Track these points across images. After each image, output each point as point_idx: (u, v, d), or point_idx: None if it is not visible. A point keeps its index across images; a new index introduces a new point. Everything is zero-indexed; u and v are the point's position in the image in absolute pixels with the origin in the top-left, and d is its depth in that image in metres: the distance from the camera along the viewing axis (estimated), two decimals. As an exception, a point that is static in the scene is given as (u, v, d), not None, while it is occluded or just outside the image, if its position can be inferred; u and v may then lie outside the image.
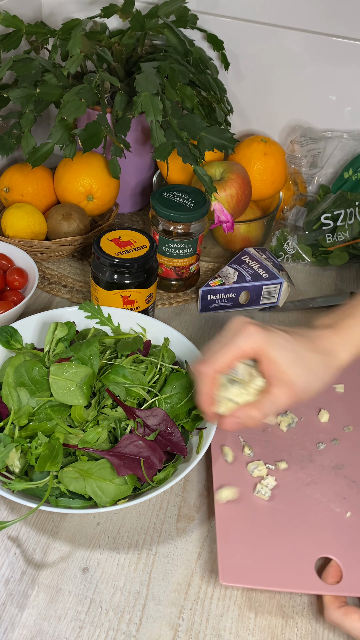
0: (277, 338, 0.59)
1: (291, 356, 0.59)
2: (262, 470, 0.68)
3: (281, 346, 0.59)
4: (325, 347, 0.61)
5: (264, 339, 0.58)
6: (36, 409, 0.67)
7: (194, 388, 0.70)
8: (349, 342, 0.62)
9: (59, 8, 1.14)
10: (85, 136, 0.88)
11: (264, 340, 0.58)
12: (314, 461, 0.69)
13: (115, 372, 0.69)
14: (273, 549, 0.61)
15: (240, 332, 0.59)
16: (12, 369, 0.70)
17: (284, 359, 0.58)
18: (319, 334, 0.62)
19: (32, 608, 0.60)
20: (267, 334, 0.59)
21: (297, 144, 1.08)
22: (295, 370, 0.59)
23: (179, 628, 0.59)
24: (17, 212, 0.96)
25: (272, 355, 0.59)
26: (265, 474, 0.68)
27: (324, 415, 0.74)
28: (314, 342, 0.61)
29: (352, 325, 0.63)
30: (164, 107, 0.88)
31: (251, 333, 0.59)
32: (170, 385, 0.70)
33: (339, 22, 1.00)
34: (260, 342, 0.58)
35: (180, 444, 0.67)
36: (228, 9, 1.05)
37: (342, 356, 0.61)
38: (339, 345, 0.62)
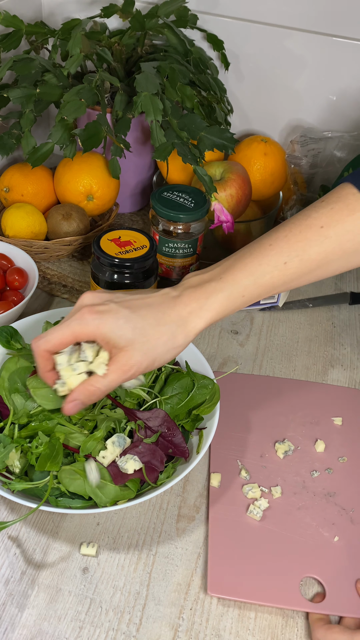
0: (112, 319, 0.58)
1: (128, 334, 0.58)
2: (256, 492, 0.69)
3: (117, 326, 0.58)
4: (175, 316, 0.60)
5: (97, 324, 0.58)
6: (34, 411, 0.67)
7: (194, 389, 0.71)
8: (207, 308, 0.60)
9: (59, 8, 1.14)
10: (85, 136, 0.88)
11: (96, 326, 0.58)
12: (307, 487, 0.71)
13: None
14: (261, 566, 0.63)
15: (75, 316, 0.59)
16: (6, 374, 0.70)
17: (118, 337, 0.58)
18: (176, 301, 0.61)
19: (32, 608, 0.60)
20: (100, 319, 0.58)
21: (297, 144, 1.08)
22: (133, 346, 0.58)
23: (179, 628, 0.59)
24: (17, 212, 0.96)
25: (106, 337, 0.58)
26: (259, 496, 0.69)
27: (320, 445, 0.75)
28: (162, 312, 0.60)
29: (216, 290, 0.61)
30: (164, 107, 0.88)
31: (84, 319, 0.58)
32: (170, 386, 0.70)
33: (339, 22, 1.00)
34: (92, 328, 0.58)
35: (182, 445, 0.67)
36: (228, 9, 1.05)
37: (195, 323, 0.60)
38: (195, 312, 0.60)
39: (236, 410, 0.78)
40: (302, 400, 0.81)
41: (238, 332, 0.91)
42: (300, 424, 0.78)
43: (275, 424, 0.77)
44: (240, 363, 0.86)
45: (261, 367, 0.86)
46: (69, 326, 0.59)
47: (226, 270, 0.62)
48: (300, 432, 0.77)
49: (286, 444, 0.74)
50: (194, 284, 0.62)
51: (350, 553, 0.65)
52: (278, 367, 0.86)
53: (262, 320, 0.93)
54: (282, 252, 0.62)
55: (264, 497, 0.69)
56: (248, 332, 0.91)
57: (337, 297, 0.97)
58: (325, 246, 0.62)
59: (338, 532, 0.66)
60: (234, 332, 0.90)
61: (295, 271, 0.62)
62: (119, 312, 0.59)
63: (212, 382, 0.71)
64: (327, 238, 0.62)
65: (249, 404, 0.79)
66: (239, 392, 0.81)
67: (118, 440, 0.65)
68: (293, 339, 0.90)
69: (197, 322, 0.60)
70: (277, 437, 0.76)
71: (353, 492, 0.70)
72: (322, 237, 0.62)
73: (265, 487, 0.70)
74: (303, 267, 0.63)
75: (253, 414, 0.78)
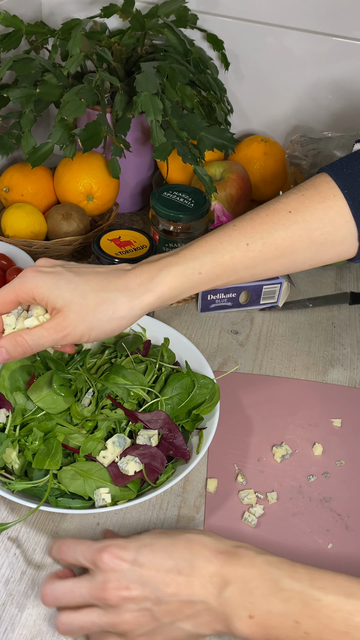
0: (52, 279, 0.57)
1: (66, 295, 0.56)
2: (251, 498, 0.69)
3: (56, 285, 0.56)
4: (121, 285, 0.58)
5: (36, 282, 0.56)
6: (33, 411, 0.67)
7: (195, 389, 0.70)
8: (158, 281, 0.58)
9: (59, 8, 1.14)
10: (85, 136, 0.88)
11: (35, 284, 0.57)
12: (303, 492, 0.70)
13: (115, 372, 0.69)
14: None
15: (18, 275, 0.58)
16: (7, 373, 0.70)
17: (56, 296, 0.56)
18: (127, 272, 0.59)
19: (32, 608, 0.60)
20: (40, 277, 0.57)
21: (297, 144, 1.08)
22: (70, 308, 0.56)
23: (179, 628, 0.59)
24: (17, 212, 0.96)
25: (44, 295, 0.57)
26: (255, 502, 0.69)
27: (317, 449, 0.75)
28: (109, 280, 0.58)
29: (171, 263, 0.59)
30: (164, 107, 0.88)
31: (25, 276, 0.57)
32: (170, 386, 0.70)
33: (339, 22, 1.00)
34: (31, 285, 0.57)
35: (183, 447, 0.67)
36: (228, 9, 1.05)
37: (143, 296, 0.58)
38: (144, 284, 0.58)
39: (235, 411, 0.78)
40: (302, 400, 0.81)
41: (238, 332, 0.91)
42: (299, 425, 0.78)
43: (274, 425, 0.77)
44: (240, 363, 0.86)
45: (261, 367, 0.86)
46: (11, 284, 0.58)
47: (186, 247, 0.60)
48: (298, 435, 0.76)
49: (284, 447, 0.74)
50: (151, 259, 0.60)
51: (343, 561, 0.64)
52: (278, 367, 0.86)
53: (262, 320, 0.93)
54: (245, 232, 0.59)
55: (260, 503, 0.69)
56: (248, 332, 0.91)
57: (337, 297, 0.97)
58: (291, 231, 0.60)
59: (332, 539, 0.66)
60: (234, 332, 0.90)
61: (258, 254, 0.60)
62: (62, 274, 0.57)
63: (212, 382, 0.71)
64: (295, 223, 0.60)
65: (248, 405, 0.79)
66: (238, 392, 0.81)
67: (118, 440, 0.65)
68: (293, 339, 0.90)
69: (146, 296, 0.58)
70: (275, 440, 0.76)
71: (349, 497, 0.70)
72: (289, 222, 0.60)
73: (261, 493, 0.70)
74: (267, 252, 0.60)
75: (252, 414, 0.78)
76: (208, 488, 0.70)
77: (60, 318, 0.57)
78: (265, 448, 0.75)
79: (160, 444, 0.67)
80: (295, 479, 0.72)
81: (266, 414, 0.79)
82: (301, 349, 0.89)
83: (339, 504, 0.69)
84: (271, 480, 0.71)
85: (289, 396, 0.81)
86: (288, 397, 0.81)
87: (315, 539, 0.66)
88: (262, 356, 0.87)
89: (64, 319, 0.56)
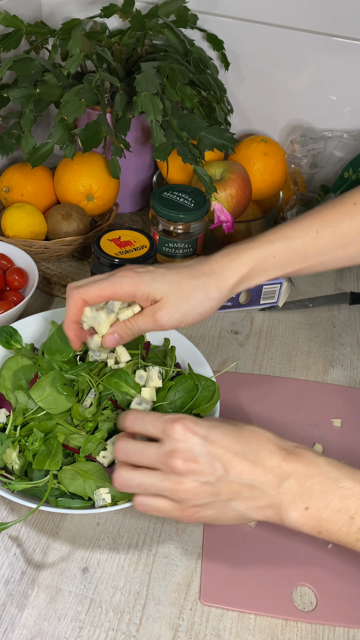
0: (149, 277, 0.62)
1: (164, 287, 0.62)
2: None
3: (154, 280, 0.62)
4: (207, 270, 0.63)
5: (137, 281, 0.62)
6: (34, 411, 0.67)
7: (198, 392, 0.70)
8: (238, 262, 0.64)
9: (59, 8, 1.14)
10: (85, 136, 0.88)
11: (136, 283, 0.62)
12: None
13: (117, 376, 0.69)
14: (253, 575, 0.63)
15: (116, 275, 0.62)
16: (9, 372, 0.70)
17: (155, 290, 0.62)
18: (209, 258, 0.65)
19: (32, 608, 0.60)
20: (140, 277, 0.62)
21: (297, 144, 1.08)
22: (167, 298, 0.62)
23: (179, 628, 0.59)
24: (17, 212, 0.96)
25: (145, 292, 0.62)
26: None
27: (317, 449, 0.75)
28: (196, 268, 0.64)
29: (248, 247, 0.64)
30: (164, 107, 0.88)
31: (126, 276, 0.62)
32: (174, 390, 0.70)
33: (339, 22, 1.00)
34: (132, 285, 0.62)
35: None
36: (228, 9, 1.05)
37: (227, 276, 0.63)
38: (226, 266, 0.64)
39: (235, 411, 0.78)
40: (302, 400, 0.81)
41: (238, 332, 0.91)
42: (299, 425, 0.78)
43: (274, 426, 0.77)
44: (240, 363, 0.86)
45: (261, 367, 0.86)
46: (110, 282, 0.62)
47: (260, 235, 0.65)
48: (298, 435, 0.76)
49: None
50: (228, 248, 0.65)
51: (343, 560, 0.64)
52: (278, 367, 0.86)
53: (262, 320, 0.93)
54: (314, 222, 0.65)
55: None
56: (248, 332, 0.91)
57: (337, 297, 0.97)
58: (357, 221, 0.65)
59: None
60: (234, 332, 0.90)
61: (327, 242, 0.65)
62: (156, 271, 0.63)
63: (214, 383, 0.71)
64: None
65: (248, 405, 0.79)
66: (238, 392, 0.81)
67: None
68: (293, 339, 0.90)
69: (229, 276, 0.63)
70: None
71: None
72: (354, 213, 0.65)
73: None
74: (335, 240, 0.65)
75: (252, 415, 0.78)
76: None
77: (159, 306, 0.62)
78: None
79: None
80: None
81: (266, 414, 0.78)
82: (301, 349, 0.89)
83: None
84: None
85: (289, 396, 0.81)
86: (288, 397, 0.81)
87: (315, 538, 0.66)
88: (262, 356, 0.87)
89: (162, 307, 0.62)
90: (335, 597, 0.62)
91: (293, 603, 0.61)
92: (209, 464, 0.53)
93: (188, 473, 0.53)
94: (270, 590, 0.62)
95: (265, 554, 0.65)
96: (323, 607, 0.61)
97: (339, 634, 0.60)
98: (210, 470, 0.53)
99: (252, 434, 0.55)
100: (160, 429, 0.55)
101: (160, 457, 0.54)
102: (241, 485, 0.53)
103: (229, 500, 0.54)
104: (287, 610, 0.60)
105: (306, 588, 0.63)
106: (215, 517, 0.55)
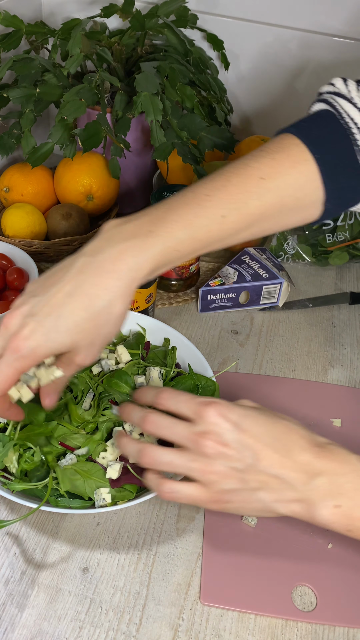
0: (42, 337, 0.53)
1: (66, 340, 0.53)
2: None
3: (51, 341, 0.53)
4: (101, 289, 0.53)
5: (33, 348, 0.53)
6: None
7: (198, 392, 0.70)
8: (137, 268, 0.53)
9: (59, 8, 1.14)
10: (85, 136, 0.88)
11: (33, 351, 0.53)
12: None
13: (117, 377, 0.69)
14: (253, 575, 0.63)
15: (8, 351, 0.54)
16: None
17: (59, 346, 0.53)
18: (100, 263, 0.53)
19: (32, 608, 0.60)
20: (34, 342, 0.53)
21: (297, 144, 1.08)
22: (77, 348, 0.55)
23: (179, 628, 0.59)
24: (17, 212, 0.96)
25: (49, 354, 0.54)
26: None
27: None
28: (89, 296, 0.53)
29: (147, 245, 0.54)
30: (164, 107, 0.88)
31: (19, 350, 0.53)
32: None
33: (339, 22, 1.00)
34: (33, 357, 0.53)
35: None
36: (228, 9, 1.05)
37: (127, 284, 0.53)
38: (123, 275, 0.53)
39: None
40: (302, 400, 0.81)
41: (238, 332, 0.91)
42: (299, 424, 0.78)
43: None
44: (240, 363, 0.86)
45: (261, 367, 0.86)
46: (11, 365, 0.53)
47: (156, 222, 0.55)
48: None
49: None
50: (115, 240, 0.54)
51: (343, 560, 0.64)
52: (278, 367, 0.86)
53: (262, 320, 0.93)
54: (220, 203, 0.56)
55: None
56: (248, 332, 0.91)
57: (337, 297, 0.97)
58: (265, 199, 0.58)
59: (332, 539, 0.66)
60: (234, 332, 0.90)
61: (233, 226, 0.57)
62: (45, 326, 0.53)
63: (214, 383, 0.71)
64: (268, 191, 0.58)
65: (249, 404, 0.79)
66: (238, 392, 0.81)
67: None
68: (293, 339, 0.90)
69: (129, 283, 0.54)
70: None
71: None
72: (262, 190, 0.57)
73: None
74: (241, 222, 0.58)
75: (253, 414, 0.78)
76: None
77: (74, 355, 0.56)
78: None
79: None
80: None
81: (266, 414, 0.78)
82: (301, 349, 0.89)
83: None
84: None
85: (289, 396, 0.81)
86: (288, 397, 0.81)
87: (315, 538, 0.66)
88: (262, 356, 0.87)
89: (77, 354, 0.55)
90: (335, 597, 0.62)
91: (293, 603, 0.61)
92: (238, 451, 0.52)
93: (217, 456, 0.52)
94: (270, 590, 0.62)
95: (265, 554, 0.65)
96: (323, 607, 0.61)
97: (339, 634, 0.60)
98: (239, 456, 0.52)
99: (285, 428, 0.54)
100: (193, 410, 0.53)
101: (191, 435, 0.53)
102: (269, 477, 0.52)
103: (256, 489, 0.53)
104: (287, 610, 0.60)
105: (306, 588, 0.63)
106: (240, 505, 0.54)
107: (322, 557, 0.65)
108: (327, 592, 0.62)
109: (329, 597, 0.62)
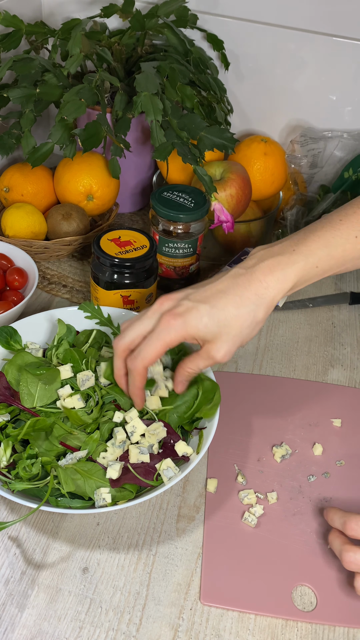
0: (195, 319, 0.60)
1: (214, 329, 0.61)
2: (251, 498, 0.69)
3: (202, 324, 0.60)
4: (253, 296, 0.62)
5: (184, 327, 0.60)
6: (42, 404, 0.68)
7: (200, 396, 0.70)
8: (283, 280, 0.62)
9: (59, 8, 1.14)
10: (85, 136, 0.88)
11: (184, 329, 0.60)
12: (303, 492, 0.70)
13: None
14: (254, 575, 0.63)
15: (160, 326, 0.61)
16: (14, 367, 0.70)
17: (205, 334, 0.61)
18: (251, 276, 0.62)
19: (32, 608, 0.60)
20: (185, 320, 0.60)
21: (297, 144, 1.08)
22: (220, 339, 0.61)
23: (179, 628, 0.59)
24: (17, 212, 0.96)
25: (194, 336, 0.61)
26: (255, 502, 0.69)
27: (317, 449, 0.75)
28: (240, 297, 0.61)
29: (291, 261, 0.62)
30: (164, 107, 0.88)
31: (171, 326, 0.61)
32: (181, 396, 0.69)
33: (339, 22, 1.00)
34: (181, 332, 0.61)
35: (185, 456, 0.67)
36: (228, 9, 1.05)
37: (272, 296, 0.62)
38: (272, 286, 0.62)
39: (235, 411, 0.78)
40: (302, 400, 0.81)
41: (238, 332, 0.90)
42: (299, 425, 0.78)
43: (274, 425, 0.77)
44: (240, 363, 0.86)
45: (261, 367, 0.86)
46: (160, 338, 0.61)
47: (298, 242, 0.64)
48: (298, 435, 0.76)
49: (284, 447, 0.74)
50: (265, 258, 0.63)
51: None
52: (278, 367, 0.86)
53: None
54: (352, 226, 0.64)
55: (260, 503, 0.69)
56: (248, 332, 0.91)
57: (337, 297, 0.97)
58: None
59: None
60: (234, 332, 0.90)
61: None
62: (199, 309, 0.61)
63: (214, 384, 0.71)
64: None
65: (248, 404, 0.79)
66: (238, 392, 0.81)
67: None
68: (293, 339, 0.90)
69: (275, 295, 0.62)
70: (275, 440, 0.76)
71: (348, 497, 0.70)
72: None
73: (261, 493, 0.70)
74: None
75: (252, 415, 0.78)
76: (208, 488, 0.70)
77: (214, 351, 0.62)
78: (265, 448, 0.75)
79: (162, 451, 0.66)
80: (295, 479, 0.72)
81: (266, 413, 0.79)
82: (301, 349, 0.89)
83: (339, 504, 0.69)
84: (271, 480, 0.71)
85: (289, 396, 0.81)
86: (288, 397, 0.81)
87: (315, 538, 0.66)
88: (262, 356, 0.87)
89: (218, 351, 0.62)
90: (335, 597, 0.62)
91: (293, 603, 0.61)
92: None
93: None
94: (270, 590, 0.62)
95: (265, 554, 0.65)
96: (323, 607, 0.61)
97: (339, 634, 0.60)
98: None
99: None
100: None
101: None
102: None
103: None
104: (287, 610, 0.60)
105: (306, 588, 0.63)
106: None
107: (322, 557, 0.65)
108: (327, 592, 0.62)
109: (329, 597, 0.62)
